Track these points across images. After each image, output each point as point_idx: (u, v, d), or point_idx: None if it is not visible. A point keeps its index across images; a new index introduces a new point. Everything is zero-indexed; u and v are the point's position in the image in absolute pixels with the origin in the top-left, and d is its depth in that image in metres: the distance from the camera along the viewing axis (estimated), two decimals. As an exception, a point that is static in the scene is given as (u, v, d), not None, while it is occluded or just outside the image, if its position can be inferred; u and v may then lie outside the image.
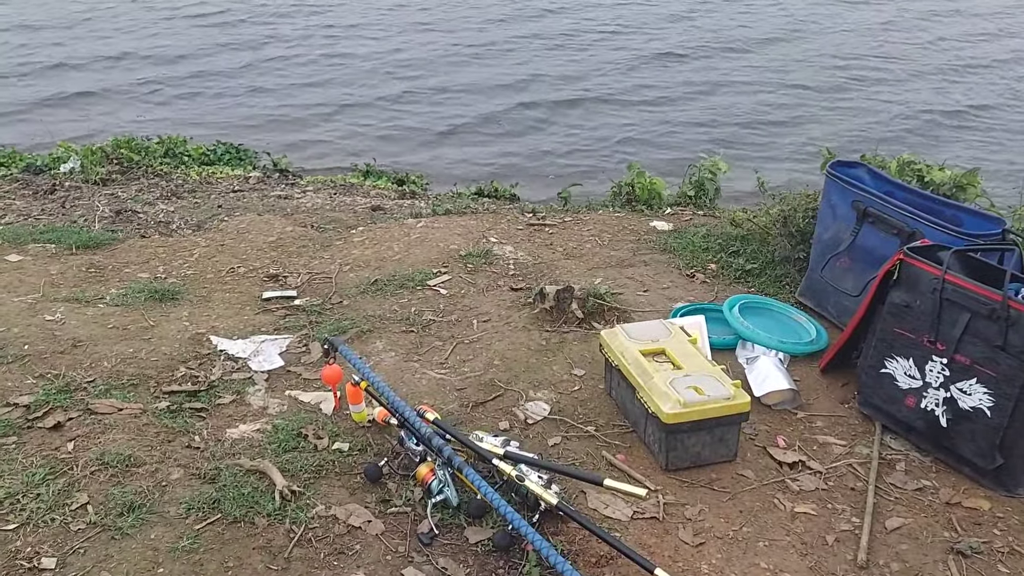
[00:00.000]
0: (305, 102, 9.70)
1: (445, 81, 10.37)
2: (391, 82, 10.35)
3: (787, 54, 11.47)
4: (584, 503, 2.46)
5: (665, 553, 2.27)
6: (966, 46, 11.86)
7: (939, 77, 10.66)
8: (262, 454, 2.64)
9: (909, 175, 3.96)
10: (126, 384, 3.02)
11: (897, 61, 11.26)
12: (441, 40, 11.91)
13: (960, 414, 2.60)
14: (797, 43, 11.88)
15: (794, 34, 12.27)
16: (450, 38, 11.97)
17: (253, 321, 3.53)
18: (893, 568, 2.25)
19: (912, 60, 11.30)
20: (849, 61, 11.19)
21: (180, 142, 6.69)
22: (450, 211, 4.97)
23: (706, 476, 2.60)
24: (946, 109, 9.57)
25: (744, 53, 11.50)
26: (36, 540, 2.27)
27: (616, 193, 5.28)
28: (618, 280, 3.83)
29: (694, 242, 4.28)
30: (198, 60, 11.10)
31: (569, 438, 2.77)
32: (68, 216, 4.90)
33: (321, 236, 4.53)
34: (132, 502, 2.41)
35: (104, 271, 4.03)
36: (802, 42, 11.93)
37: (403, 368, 3.16)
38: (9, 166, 6.00)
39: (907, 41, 12.03)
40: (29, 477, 2.50)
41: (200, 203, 5.26)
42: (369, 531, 2.35)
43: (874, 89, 10.25)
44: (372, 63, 11.04)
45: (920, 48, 11.74)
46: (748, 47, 11.69)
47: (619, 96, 9.91)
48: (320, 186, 6.06)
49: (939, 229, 3.05)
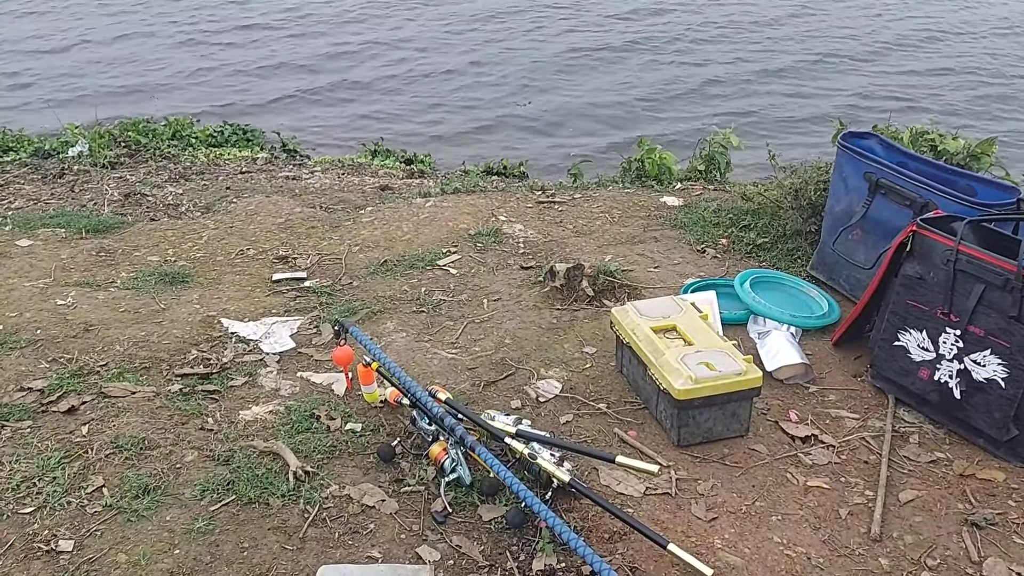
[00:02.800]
0: (313, 83, 9.67)
1: (450, 61, 10.31)
2: (398, 62, 10.30)
3: (799, 27, 11.33)
4: (596, 480, 2.46)
5: (678, 528, 2.28)
6: (985, 9, 11.67)
7: (950, 45, 10.51)
8: (275, 435, 2.65)
9: (923, 145, 3.91)
10: (139, 368, 3.04)
11: (909, 30, 11.11)
12: (446, 18, 11.82)
13: (974, 386, 2.58)
14: (808, 18, 11.71)
15: (804, 9, 12.09)
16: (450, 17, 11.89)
17: (264, 303, 3.53)
18: (907, 541, 2.25)
19: (925, 29, 11.15)
20: (860, 32, 11.04)
21: (187, 124, 6.68)
22: (459, 190, 4.95)
23: (718, 451, 2.59)
24: (963, 79, 9.44)
25: (759, 26, 11.36)
26: (53, 523, 2.29)
27: (626, 169, 5.25)
28: (628, 257, 3.81)
29: (705, 217, 4.25)
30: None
31: (581, 416, 2.77)
32: (77, 200, 4.91)
33: (330, 217, 4.53)
34: (147, 484, 2.42)
35: (114, 255, 4.03)
36: (815, 16, 11.76)
37: (414, 348, 3.16)
38: (18, 150, 6.01)
39: (918, 12, 11.85)
40: (44, 461, 2.52)
41: (208, 185, 5.26)
42: (383, 510, 2.36)
43: (888, 58, 10.13)
44: (377, 44, 10.99)
45: (934, 18, 11.55)
46: (763, 21, 11.53)
47: (631, 74, 9.83)
48: (328, 166, 6.05)
49: (953, 199, 3.01)
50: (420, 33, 11.36)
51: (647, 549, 2.18)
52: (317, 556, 2.20)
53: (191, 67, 10.06)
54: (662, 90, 9.21)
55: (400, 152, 6.70)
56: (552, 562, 2.17)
